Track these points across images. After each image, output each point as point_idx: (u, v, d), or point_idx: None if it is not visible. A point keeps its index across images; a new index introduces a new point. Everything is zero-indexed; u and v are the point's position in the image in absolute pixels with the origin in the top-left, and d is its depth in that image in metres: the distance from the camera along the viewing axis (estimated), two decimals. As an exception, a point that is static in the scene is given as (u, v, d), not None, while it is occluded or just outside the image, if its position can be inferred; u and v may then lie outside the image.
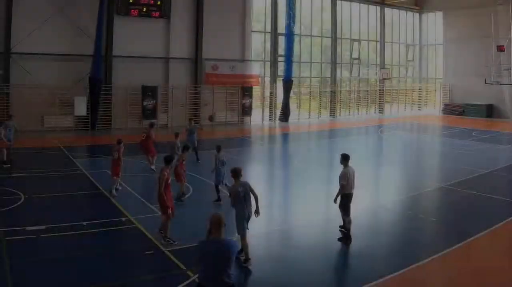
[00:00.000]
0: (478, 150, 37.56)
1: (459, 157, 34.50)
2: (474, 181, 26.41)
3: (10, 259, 13.97)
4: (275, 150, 40.08)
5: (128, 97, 45.53)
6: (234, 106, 52.04)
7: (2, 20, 39.89)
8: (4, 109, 39.34)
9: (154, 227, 16.66)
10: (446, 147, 40.09)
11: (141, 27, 45.46)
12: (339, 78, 62.52)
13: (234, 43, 51.76)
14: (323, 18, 60.09)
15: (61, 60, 42.40)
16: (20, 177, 24.90)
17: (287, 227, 18.29)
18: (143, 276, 13.59)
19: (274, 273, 14.01)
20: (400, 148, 40.66)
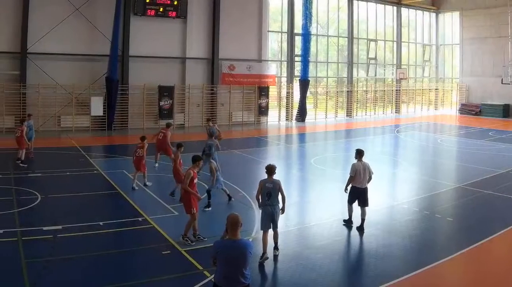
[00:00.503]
0: (495, 150, 36.81)
1: (475, 157, 33.79)
2: (491, 181, 25.82)
3: (27, 259, 13.86)
4: (291, 149, 39.23)
5: (145, 97, 44.70)
6: (250, 107, 51.09)
7: (19, 21, 39.28)
8: (20, 109, 39.04)
9: (171, 227, 16.78)
10: (463, 146, 39.24)
11: (157, 27, 44.89)
12: (356, 78, 61.65)
13: (251, 43, 50.88)
14: (340, 18, 59.15)
15: (77, 60, 41.87)
16: (37, 177, 24.60)
17: (303, 226, 17.92)
18: (160, 276, 13.32)
19: (291, 273, 13.76)
20: (416, 147, 39.77)
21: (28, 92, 39.88)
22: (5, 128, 38.62)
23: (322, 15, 57.18)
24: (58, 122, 41.22)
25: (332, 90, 59.60)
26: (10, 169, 26.21)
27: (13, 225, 16.72)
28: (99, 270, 13.74)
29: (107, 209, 20.17)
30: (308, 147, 39.83)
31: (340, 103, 59.55)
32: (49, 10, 39.98)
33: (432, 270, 14.03)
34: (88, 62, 42.50)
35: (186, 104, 46.99)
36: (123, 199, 20.86)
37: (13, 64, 39.43)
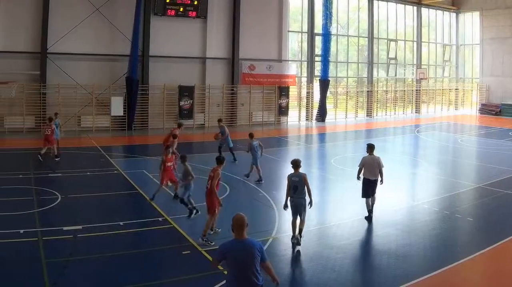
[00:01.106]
0: (515, 149, 36.48)
1: (496, 157, 33.22)
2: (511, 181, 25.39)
3: (47, 259, 13.71)
4: (311, 149, 38.47)
5: (165, 97, 43.83)
6: (270, 106, 49.98)
7: (39, 21, 38.62)
8: (41, 109, 38.51)
9: (191, 227, 16.80)
10: (483, 146, 38.42)
11: (177, 27, 44.11)
12: (376, 78, 60.34)
13: (271, 43, 49.81)
14: (360, 18, 58.00)
15: (97, 60, 41.21)
16: (57, 177, 24.41)
17: (323, 226, 17.55)
18: (179, 276, 13.17)
19: (311, 273, 13.61)
20: (436, 147, 38.77)
21: (48, 92, 39.22)
22: (26, 128, 38.16)
23: (342, 15, 55.99)
24: (78, 122, 40.47)
25: (352, 90, 58.49)
26: (31, 169, 25.75)
27: (33, 225, 16.53)
28: (119, 270, 13.58)
29: (127, 209, 20.04)
30: (328, 147, 38.96)
31: (360, 103, 58.32)
32: (69, 10, 39.32)
33: (452, 270, 13.86)
34: (108, 62, 41.83)
35: (206, 104, 46.05)
36: (143, 199, 20.51)
37: (33, 64, 38.72)
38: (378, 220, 17.89)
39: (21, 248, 14.68)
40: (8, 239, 15.13)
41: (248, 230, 8.95)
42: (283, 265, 14.08)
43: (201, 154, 32.22)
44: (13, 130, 37.74)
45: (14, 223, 16.76)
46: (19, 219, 17.29)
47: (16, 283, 12.56)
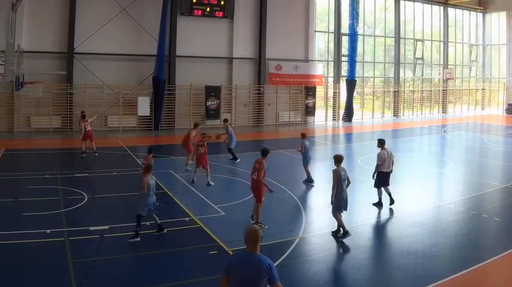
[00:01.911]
0: (542, 149, 35.41)
1: None
2: (538, 181, 24.55)
3: (74, 259, 13.42)
4: (338, 149, 36.10)
5: (191, 97, 42.68)
6: (297, 106, 48.55)
7: (66, 21, 37.75)
8: (67, 109, 37.69)
9: (218, 227, 16.35)
10: (510, 146, 37.01)
11: (204, 27, 42.87)
12: (403, 78, 58.47)
13: (297, 43, 48.32)
14: (387, 18, 56.15)
15: (124, 60, 40.19)
16: (84, 177, 23.96)
17: (350, 226, 16.40)
18: (206, 276, 12.57)
19: (338, 273, 13.56)
20: (463, 147, 37.67)
21: (75, 92, 38.37)
22: (52, 128, 37.38)
23: (369, 15, 54.36)
24: (105, 122, 39.47)
25: (378, 90, 56.75)
26: (57, 168, 25.13)
27: (60, 225, 16.18)
28: (146, 270, 13.14)
29: None
30: (355, 147, 37.75)
31: (386, 103, 56.62)
32: (96, 10, 38.51)
33: (478, 270, 13.48)
34: (135, 62, 40.80)
35: (233, 104, 44.85)
36: (170, 199, 20.02)
37: (60, 64, 37.83)
38: (404, 220, 17.73)
39: (48, 248, 14.34)
40: (35, 239, 14.79)
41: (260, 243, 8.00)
42: (311, 265, 13.72)
43: (228, 153, 30.83)
44: (40, 130, 36.98)
45: (41, 223, 16.37)
46: (46, 219, 16.87)
47: (43, 283, 12.19)
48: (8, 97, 36.55)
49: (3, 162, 26.95)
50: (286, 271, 12.83)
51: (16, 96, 36.20)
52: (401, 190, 21.37)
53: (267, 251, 14.46)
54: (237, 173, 25.73)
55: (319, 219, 17.82)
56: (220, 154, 31.17)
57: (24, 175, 24.06)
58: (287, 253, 14.15)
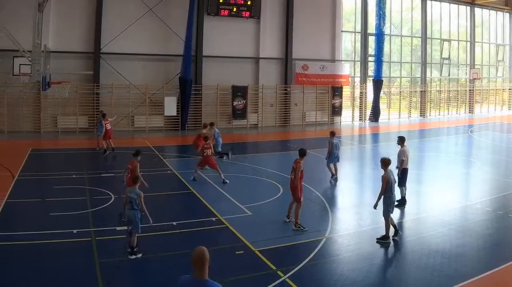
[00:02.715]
0: None
1: None
2: None
3: (101, 259, 13.03)
4: (365, 149, 36.36)
5: (218, 97, 41.44)
6: (324, 107, 46.94)
7: (92, 21, 36.87)
8: (94, 109, 36.58)
9: (245, 227, 15.88)
10: None
11: (231, 27, 41.64)
12: (429, 78, 56.49)
13: (324, 43, 46.71)
14: (413, 18, 54.34)
15: (150, 60, 39.13)
16: (110, 177, 23.04)
17: (377, 226, 15.97)
18: (233, 276, 12.16)
19: (365, 273, 12.72)
20: (490, 147, 36.43)
21: (102, 92, 37.35)
22: (79, 128, 36.40)
23: (395, 15, 52.53)
24: (131, 122, 38.48)
25: (405, 90, 54.71)
26: (84, 168, 24.50)
27: (87, 225, 15.77)
28: (172, 270, 12.35)
29: (181, 209, 19.13)
30: (382, 147, 36.48)
31: (413, 103, 54.81)
32: (123, 10, 37.49)
33: (505, 270, 13.00)
34: (162, 62, 39.67)
35: (260, 104, 43.46)
36: (196, 199, 19.53)
37: (86, 64, 36.95)
38: (431, 220, 17.20)
39: (75, 248, 13.97)
40: (62, 239, 14.40)
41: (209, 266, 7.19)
42: (337, 265, 13.32)
43: (255, 154, 31.42)
44: (66, 130, 36.04)
45: (67, 223, 15.95)
46: (73, 218, 16.46)
47: (70, 283, 11.81)
48: (35, 97, 35.69)
49: (30, 162, 26.17)
50: (313, 271, 12.62)
51: (43, 96, 35.30)
52: (428, 190, 21.25)
53: (294, 251, 14.04)
54: (263, 172, 24.75)
55: (345, 218, 17.46)
56: (246, 154, 30.87)
57: (51, 175, 23.32)
58: (314, 253, 13.73)
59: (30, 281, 11.74)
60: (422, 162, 28.34)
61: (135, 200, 13.27)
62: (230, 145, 29.69)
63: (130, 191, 13.52)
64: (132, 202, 13.29)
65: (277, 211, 17.62)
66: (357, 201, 20.14)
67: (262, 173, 24.69)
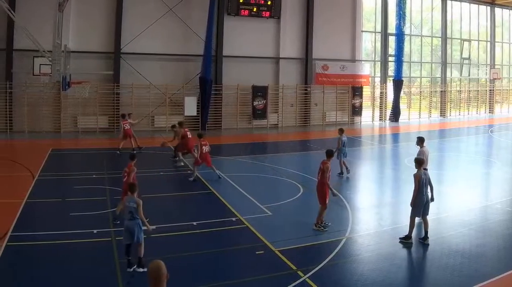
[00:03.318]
0: None
1: None
2: None
3: (121, 259, 12.51)
4: (385, 149, 35.59)
5: (238, 97, 40.46)
6: (344, 106, 45.78)
7: (112, 21, 36.16)
8: (114, 109, 35.85)
9: (265, 227, 15.57)
10: None
11: (251, 27, 40.63)
12: (449, 78, 55.00)
13: (344, 43, 45.52)
14: (433, 17, 52.90)
15: (171, 60, 38.25)
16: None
17: (397, 226, 15.90)
18: (253, 276, 12.17)
19: (385, 273, 12.44)
20: (510, 147, 35.57)
21: (122, 92, 36.54)
22: (99, 128, 35.66)
23: (415, 15, 51.15)
24: (151, 122, 37.70)
25: (425, 90, 53.36)
26: (104, 168, 24.01)
27: (107, 225, 15.47)
28: (193, 270, 12.41)
29: (201, 209, 18.41)
30: (402, 147, 35.78)
31: (433, 103, 53.44)
32: (143, 10, 36.76)
33: None
34: (182, 62, 38.75)
35: (280, 105, 42.41)
36: (216, 199, 19.14)
37: (106, 64, 36.22)
38: (451, 220, 16.79)
39: (95, 248, 13.72)
40: (82, 239, 14.17)
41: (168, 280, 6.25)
42: (357, 265, 13.01)
43: (275, 154, 31.01)
44: (87, 130, 35.33)
45: (88, 223, 15.64)
46: (93, 218, 16.13)
47: (90, 282, 11.58)
48: (55, 97, 34.99)
49: (50, 162, 25.63)
50: (333, 271, 12.41)
51: (63, 96, 34.57)
52: (448, 190, 20.64)
53: (314, 251, 13.69)
54: (283, 172, 24.17)
55: (366, 218, 17.08)
56: (266, 154, 30.96)
57: (71, 175, 22.86)
58: (334, 253, 13.47)
59: (50, 281, 11.48)
60: (442, 162, 27.81)
61: (135, 209, 12.08)
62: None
63: (128, 200, 12.32)
64: (132, 211, 12.07)
65: (297, 211, 17.56)
66: (377, 201, 19.81)
67: (282, 173, 24.15)
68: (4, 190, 19.91)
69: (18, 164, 24.53)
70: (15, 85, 34.04)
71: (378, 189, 22.57)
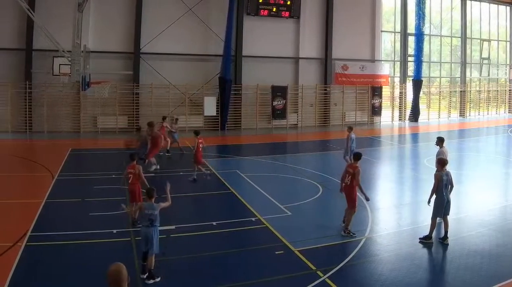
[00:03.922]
0: None
1: None
2: None
3: (140, 260, 11.81)
4: (404, 149, 34.73)
5: (258, 97, 39.43)
6: (364, 107, 44.64)
7: (132, 21, 35.48)
8: (134, 109, 35.12)
9: (284, 227, 15.14)
10: None
11: (270, 27, 39.69)
12: (469, 78, 53.47)
13: (364, 43, 44.37)
14: (453, 17, 51.48)
15: (190, 60, 37.44)
16: (151, 177, 21.35)
17: (417, 226, 15.52)
18: (273, 276, 11.84)
19: (404, 273, 12.04)
20: None
21: (141, 92, 35.78)
22: (118, 128, 34.84)
23: (435, 15, 49.77)
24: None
25: (445, 90, 51.93)
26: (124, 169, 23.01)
27: (126, 225, 15.08)
28: (212, 270, 12.20)
29: (220, 209, 18.30)
30: (421, 147, 34.96)
31: (453, 103, 52.00)
32: (162, 10, 36.04)
33: None
34: (201, 62, 37.89)
35: (299, 105, 41.36)
36: (236, 199, 18.71)
37: (126, 64, 35.53)
38: (471, 220, 16.35)
39: (115, 248, 13.33)
40: (102, 239, 13.89)
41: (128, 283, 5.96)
42: (377, 265, 12.60)
43: (294, 154, 30.56)
44: (106, 130, 34.58)
45: (107, 223, 15.33)
46: (113, 219, 15.69)
47: None
48: (75, 97, 34.38)
49: (69, 162, 25.13)
50: (352, 271, 12.11)
51: (83, 96, 33.89)
52: (467, 190, 20.18)
53: (334, 251, 13.33)
54: (303, 172, 23.64)
55: (385, 218, 16.60)
56: (286, 153, 30.55)
57: (91, 175, 22.31)
58: (353, 253, 13.13)
59: (69, 281, 11.21)
60: (462, 162, 27.22)
61: (155, 217, 11.19)
62: None
63: (147, 206, 11.31)
64: (153, 219, 11.15)
65: (317, 211, 17.29)
66: (396, 201, 19.32)
67: (302, 173, 23.62)
68: (24, 190, 19.66)
69: (38, 164, 24.16)
70: (35, 85, 33.43)
71: (398, 189, 22.05)
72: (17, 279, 11.08)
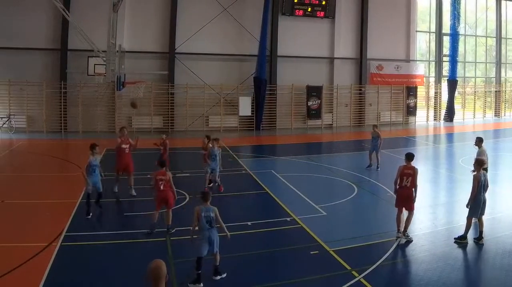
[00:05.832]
0: None
1: None
2: None
3: (176, 259, 11.89)
4: (439, 149, 32.63)
5: (293, 97, 36.86)
6: (398, 107, 41.57)
7: (167, 21, 33.61)
8: (168, 109, 33.14)
9: (319, 227, 14.48)
10: None
11: (305, 27, 37.16)
12: (504, 78, 49.83)
13: (399, 43, 41.40)
14: (488, 17, 47.99)
15: (225, 60, 35.28)
16: (185, 177, 21.37)
17: (452, 226, 14.69)
18: (308, 276, 11.20)
19: (439, 273, 11.34)
20: None
21: (176, 92, 33.70)
22: (153, 128, 32.83)
23: (470, 15, 46.13)
24: (206, 122, 34.70)
25: (480, 90, 48.53)
26: (158, 169, 21.69)
27: (161, 225, 14.21)
28: (247, 270, 11.64)
29: (255, 209, 17.47)
30: (456, 147, 33.31)
31: (488, 103, 48.62)
32: (197, 10, 33.94)
33: None
34: (236, 62, 35.64)
35: (334, 105, 38.60)
36: (271, 199, 17.89)
37: (161, 64, 33.60)
38: (506, 219, 15.42)
39: (150, 248, 12.77)
40: (136, 239, 13.35)
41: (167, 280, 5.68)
42: (411, 265, 12.02)
43: (330, 153, 29.59)
44: (141, 130, 32.29)
45: (142, 223, 14.64)
46: (147, 219, 14.58)
47: None
48: (110, 97, 32.41)
49: (105, 162, 22.53)
50: (387, 271, 11.48)
51: (118, 96, 31.79)
52: (502, 190, 19.07)
53: (369, 251, 12.68)
54: (338, 172, 22.67)
55: (420, 218, 15.39)
56: (321, 153, 29.68)
57: (125, 174, 20.15)
58: (388, 253, 12.44)
59: (104, 282, 10.87)
60: (498, 162, 25.52)
61: (213, 219, 10.89)
62: None
63: (204, 209, 10.96)
64: (211, 221, 10.86)
65: (352, 211, 16.65)
66: (431, 201, 17.94)
67: (337, 172, 22.52)
68: (59, 190, 19.02)
69: (73, 164, 23.35)
70: (70, 85, 31.62)
71: (433, 188, 20.65)
72: (51, 280, 10.65)
